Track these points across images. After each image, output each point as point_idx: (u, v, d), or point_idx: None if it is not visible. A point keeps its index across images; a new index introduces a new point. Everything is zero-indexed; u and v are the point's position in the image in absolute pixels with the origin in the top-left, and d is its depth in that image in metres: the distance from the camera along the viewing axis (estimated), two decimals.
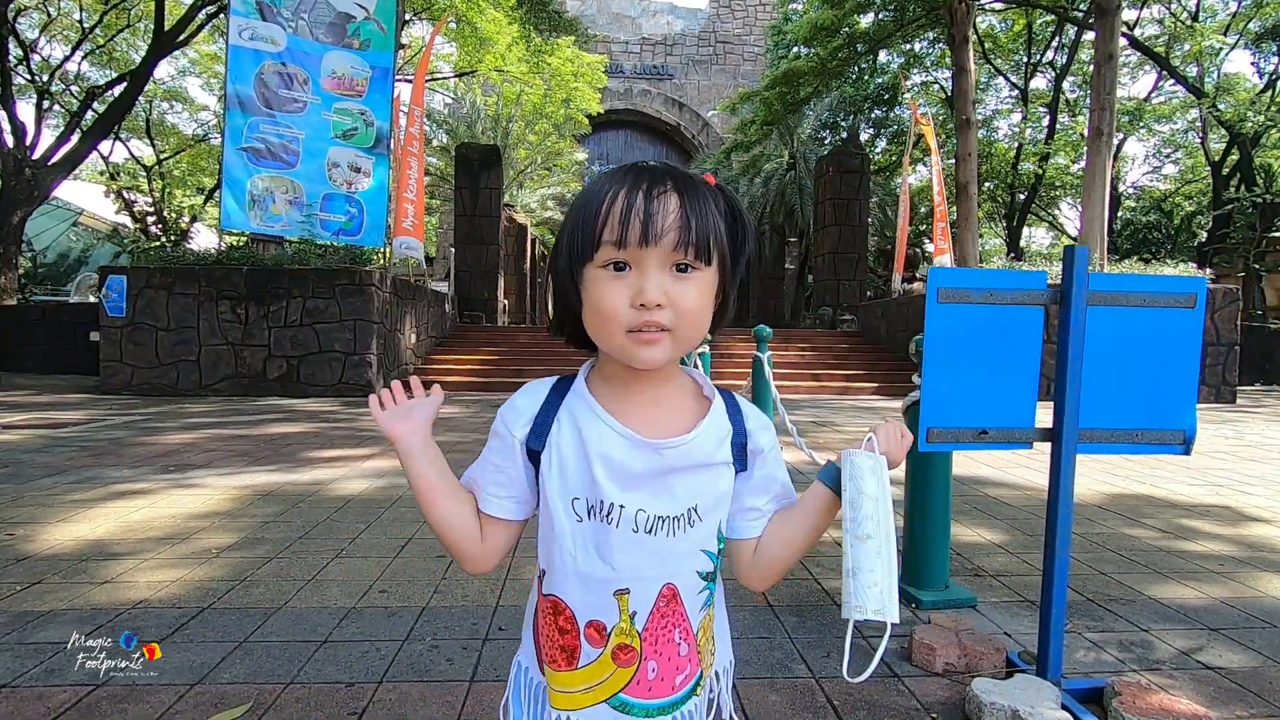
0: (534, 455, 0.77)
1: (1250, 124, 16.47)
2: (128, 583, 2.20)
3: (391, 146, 9.93)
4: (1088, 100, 21.30)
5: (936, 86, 22.34)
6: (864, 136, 22.03)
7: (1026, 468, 4.35)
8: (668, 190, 0.68)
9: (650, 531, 0.74)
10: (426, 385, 0.86)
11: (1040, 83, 22.46)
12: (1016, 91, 22.11)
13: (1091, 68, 19.87)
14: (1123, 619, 2.06)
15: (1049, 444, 1.61)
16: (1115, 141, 12.42)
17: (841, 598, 0.75)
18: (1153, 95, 21.66)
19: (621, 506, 0.74)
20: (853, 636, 1.97)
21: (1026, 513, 3.27)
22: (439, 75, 19.49)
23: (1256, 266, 15.92)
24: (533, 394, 0.79)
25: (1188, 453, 1.61)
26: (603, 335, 0.71)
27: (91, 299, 12.78)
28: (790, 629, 1.95)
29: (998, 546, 2.75)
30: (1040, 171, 21.22)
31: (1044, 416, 1.54)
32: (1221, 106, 16.98)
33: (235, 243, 9.82)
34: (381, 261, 9.96)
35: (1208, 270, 10.69)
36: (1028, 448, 1.62)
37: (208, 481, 3.62)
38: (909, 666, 1.75)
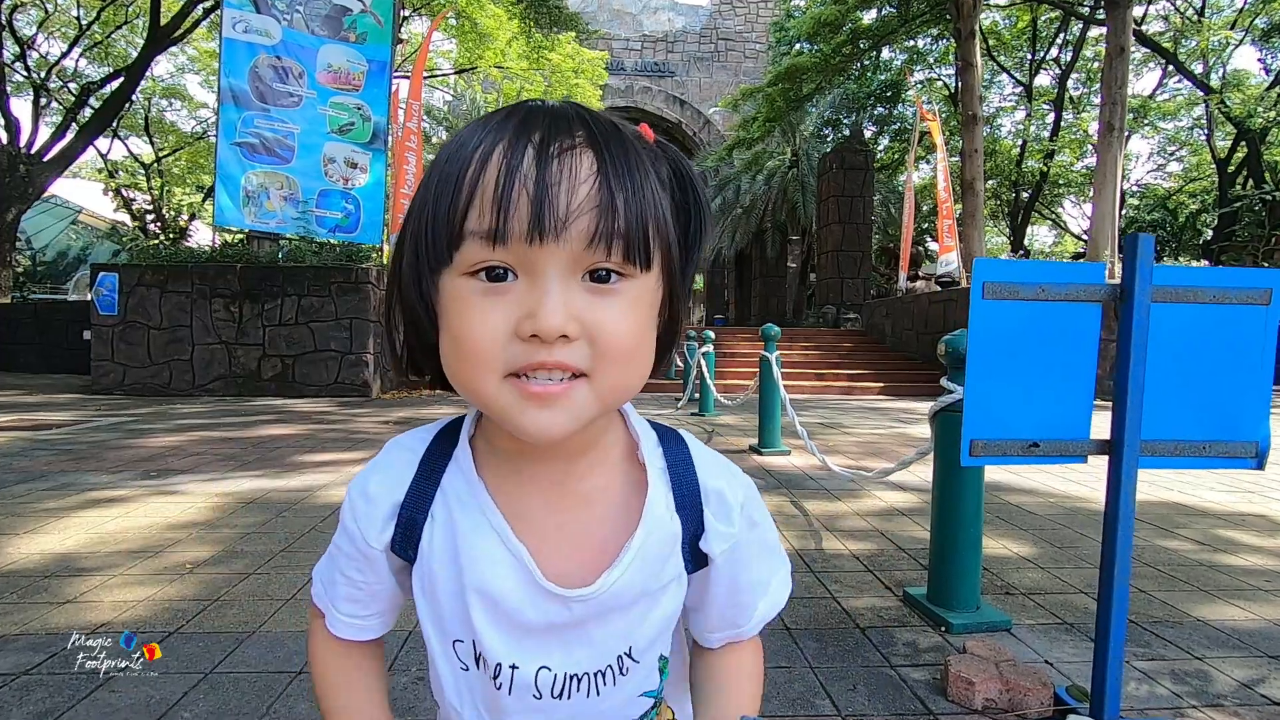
0: (409, 561, 0.53)
1: (1259, 120, 16.29)
2: (91, 603, 2.04)
3: (390, 142, 9.76)
4: (1092, 97, 21.18)
5: (940, 83, 22.16)
6: (867, 134, 21.84)
7: (1046, 472, 4.18)
8: (576, 146, 0.42)
9: (561, 695, 0.51)
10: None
11: (1044, 79, 22.29)
12: (1020, 88, 21.93)
13: (1096, 64, 19.73)
14: (1172, 644, 1.89)
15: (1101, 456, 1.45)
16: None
17: None
18: (1157, 92, 21.49)
19: (514, 668, 0.50)
20: (879, 664, 1.81)
21: (1052, 522, 3.10)
22: (439, 72, 19.34)
23: (1265, 265, 15.73)
24: (394, 473, 0.52)
25: (1261, 467, 1.44)
26: (469, 382, 0.44)
27: (89, 296, 12.66)
28: (811, 656, 1.78)
29: (1026, 560, 2.58)
30: (1045, 169, 21.05)
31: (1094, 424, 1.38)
32: (1230, 103, 16.78)
33: (230, 240, 9.66)
34: (379, 259, 9.79)
35: None
36: (1082, 461, 1.45)
37: (189, 488, 3.45)
38: (945, 702, 1.58)
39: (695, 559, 0.53)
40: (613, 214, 0.41)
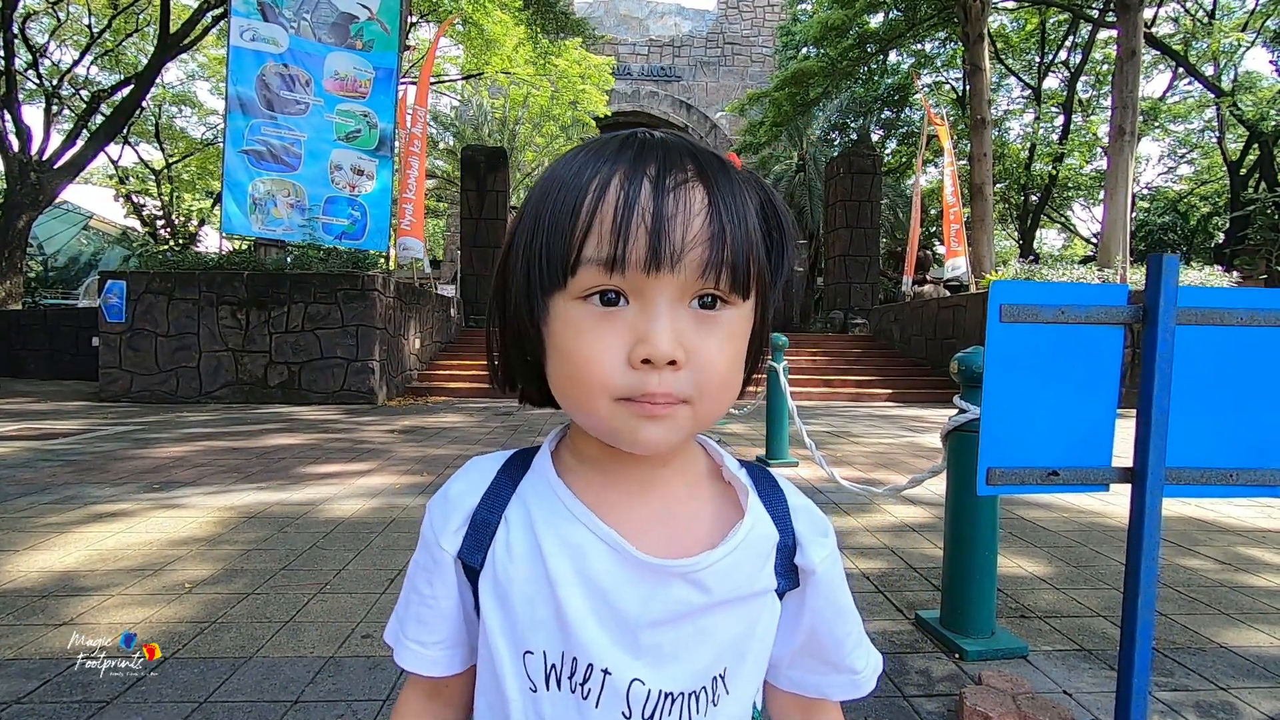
0: (475, 575, 0.51)
1: (1271, 122, 16.12)
2: (88, 624, 2.01)
3: (396, 149, 9.77)
4: (1101, 99, 21.03)
5: (948, 86, 22.07)
6: (874, 137, 21.77)
7: None
8: (689, 180, 0.43)
9: (652, 717, 0.48)
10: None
11: (1052, 82, 22.15)
12: (1029, 91, 21.80)
13: (1105, 67, 19.59)
14: (1195, 673, 1.83)
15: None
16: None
17: None
18: (1167, 95, 21.32)
19: (606, 672, 0.47)
20: (892, 693, 1.76)
21: (1067, 539, 3.03)
22: (446, 78, 19.41)
23: None
24: (472, 478, 0.53)
25: None
26: (578, 402, 0.46)
27: (98, 302, 12.73)
28: None
29: (1041, 580, 2.51)
30: (1054, 172, 20.90)
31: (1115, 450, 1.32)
32: (1242, 105, 16.62)
33: (237, 247, 9.69)
34: (385, 266, 9.79)
35: (1233, 273, 10.38)
36: (1104, 490, 1.39)
37: (192, 501, 3.43)
38: None
39: (788, 575, 0.52)
40: (722, 245, 0.43)
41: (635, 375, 0.43)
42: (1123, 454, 1.33)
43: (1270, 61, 19.83)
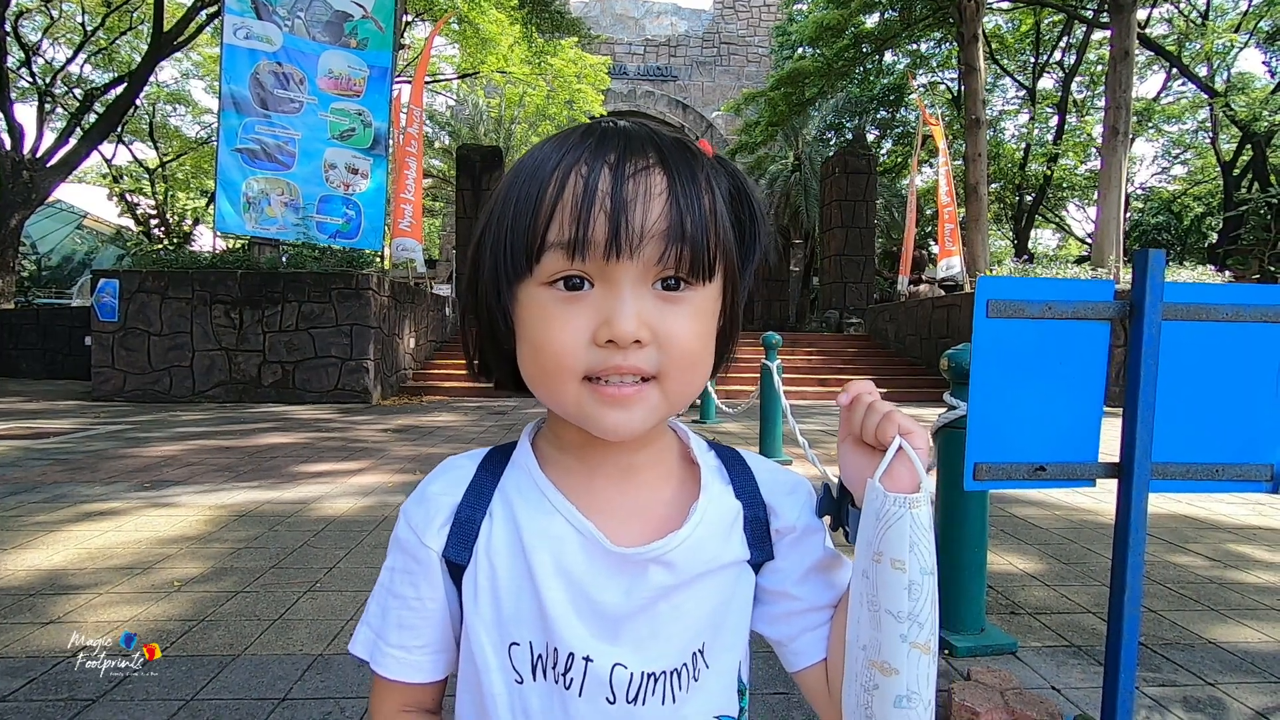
0: (458, 573, 0.51)
1: (1264, 123, 16.19)
2: (75, 622, 1.99)
3: (391, 148, 9.75)
4: (1096, 100, 21.12)
5: (943, 87, 22.13)
6: (869, 138, 21.79)
7: None
8: (649, 166, 0.45)
9: (636, 699, 0.48)
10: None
11: (1047, 83, 22.21)
12: (1024, 92, 21.87)
13: (1100, 67, 19.68)
14: (1183, 669, 1.84)
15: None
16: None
17: None
18: (1161, 95, 21.40)
19: (588, 660, 0.48)
20: None
21: (1058, 536, 3.04)
22: (441, 77, 19.37)
23: (1272, 269, 15.64)
24: (451, 476, 0.53)
25: (1277, 490, 1.39)
26: (548, 386, 0.47)
27: (91, 302, 12.64)
28: None
29: (1032, 577, 2.52)
30: (1049, 172, 20.97)
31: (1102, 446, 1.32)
32: (1235, 106, 16.69)
33: (231, 246, 9.65)
34: (380, 265, 9.77)
35: (1226, 273, 10.43)
36: (1090, 485, 1.40)
37: (183, 500, 3.41)
38: None
39: (759, 546, 0.53)
40: (681, 231, 0.44)
41: (600, 353, 0.44)
42: (1110, 451, 1.33)
43: (1263, 62, 19.93)
